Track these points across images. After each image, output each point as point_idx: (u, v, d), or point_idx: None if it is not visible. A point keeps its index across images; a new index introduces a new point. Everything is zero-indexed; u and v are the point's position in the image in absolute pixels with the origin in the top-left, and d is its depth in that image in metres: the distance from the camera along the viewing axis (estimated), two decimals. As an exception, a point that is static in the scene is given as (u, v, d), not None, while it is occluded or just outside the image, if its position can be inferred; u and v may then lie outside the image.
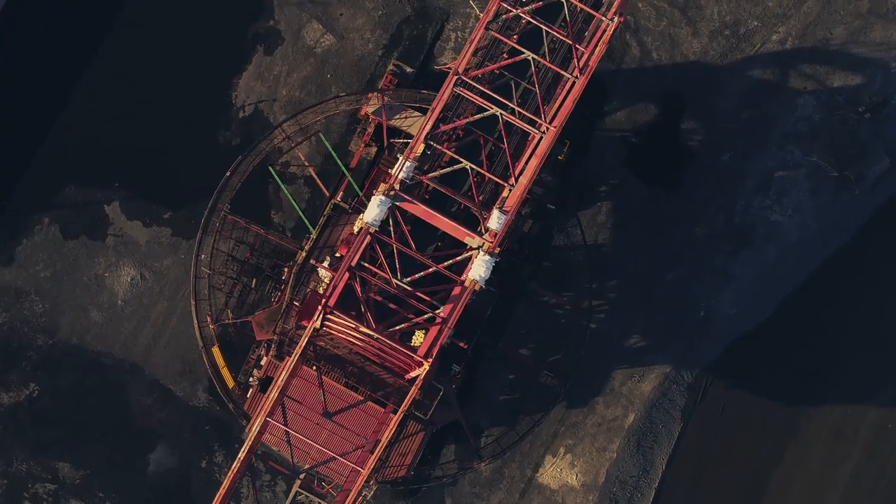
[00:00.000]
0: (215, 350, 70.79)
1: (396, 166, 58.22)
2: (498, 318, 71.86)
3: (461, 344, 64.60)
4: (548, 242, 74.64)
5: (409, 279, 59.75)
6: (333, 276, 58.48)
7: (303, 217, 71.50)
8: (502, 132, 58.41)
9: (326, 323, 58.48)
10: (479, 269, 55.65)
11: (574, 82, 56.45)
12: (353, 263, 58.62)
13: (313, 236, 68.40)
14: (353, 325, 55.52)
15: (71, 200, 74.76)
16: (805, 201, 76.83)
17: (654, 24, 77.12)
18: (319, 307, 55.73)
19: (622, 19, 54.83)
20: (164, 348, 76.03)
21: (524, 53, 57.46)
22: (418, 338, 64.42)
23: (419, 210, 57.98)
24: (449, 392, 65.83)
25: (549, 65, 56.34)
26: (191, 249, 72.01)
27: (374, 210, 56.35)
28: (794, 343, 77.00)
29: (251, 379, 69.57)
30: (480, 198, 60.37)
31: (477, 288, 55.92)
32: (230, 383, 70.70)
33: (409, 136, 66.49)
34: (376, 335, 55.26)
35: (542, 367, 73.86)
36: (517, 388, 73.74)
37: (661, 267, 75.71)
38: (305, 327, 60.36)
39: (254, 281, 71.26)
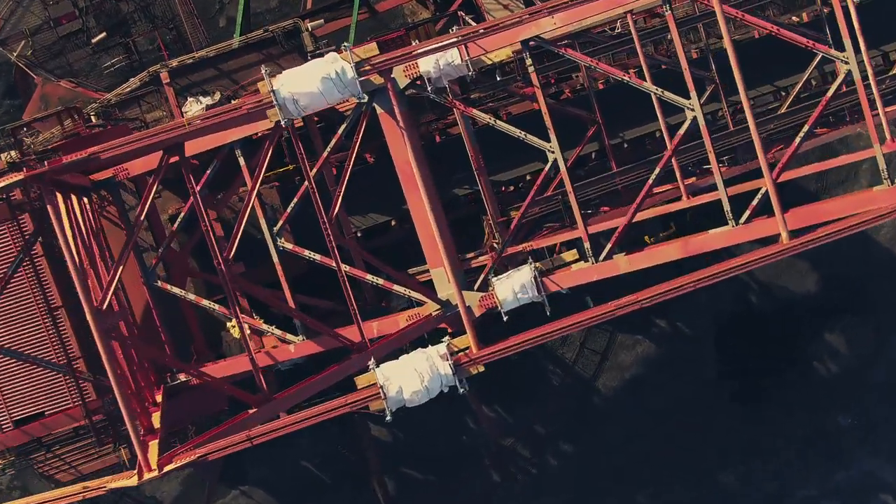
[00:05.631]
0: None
1: (431, 46, 20.99)
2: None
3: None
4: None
5: (288, 244, 23.13)
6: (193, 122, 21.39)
7: (240, 13, 34.07)
8: (666, 147, 21.98)
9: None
10: (406, 372, 18.96)
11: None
12: (213, 144, 21.69)
13: (232, 45, 31.10)
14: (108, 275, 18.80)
15: None
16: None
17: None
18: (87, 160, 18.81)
19: None
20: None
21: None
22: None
23: (400, 151, 21.17)
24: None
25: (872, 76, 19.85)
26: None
27: (312, 78, 19.31)
28: None
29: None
30: (516, 220, 23.76)
31: (372, 408, 19.40)
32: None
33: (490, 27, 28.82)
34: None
35: (382, 475, 38.05)
36: (329, 469, 39.12)
37: (640, 476, 39.57)
38: (67, 163, 23.15)
39: (101, 36, 33.91)
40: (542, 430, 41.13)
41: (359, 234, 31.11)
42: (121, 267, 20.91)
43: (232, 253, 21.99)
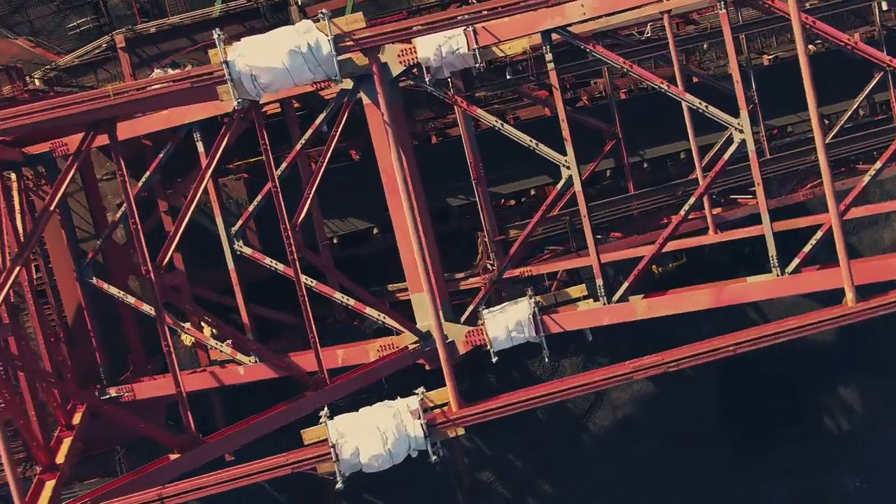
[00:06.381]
0: None
1: (431, 20, 16.64)
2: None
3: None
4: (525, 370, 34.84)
5: (247, 249, 18.81)
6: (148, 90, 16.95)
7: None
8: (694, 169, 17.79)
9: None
10: (366, 429, 14.62)
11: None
12: (168, 124, 17.32)
13: (210, 14, 26.95)
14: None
15: None
16: None
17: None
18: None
19: None
20: None
21: None
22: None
23: (385, 152, 16.72)
24: None
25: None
26: None
27: (278, 50, 14.88)
28: None
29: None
30: (518, 242, 19.50)
31: (320, 471, 15.08)
32: None
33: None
34: None
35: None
36: (285, 489, 36.04)
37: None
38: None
39: (66, -7, 29.82)
40: (524, 466, 36.92)
41: (335, 241, 26.92)
42: (17, 268, 16.61)
43: (167, 259, 17.70)
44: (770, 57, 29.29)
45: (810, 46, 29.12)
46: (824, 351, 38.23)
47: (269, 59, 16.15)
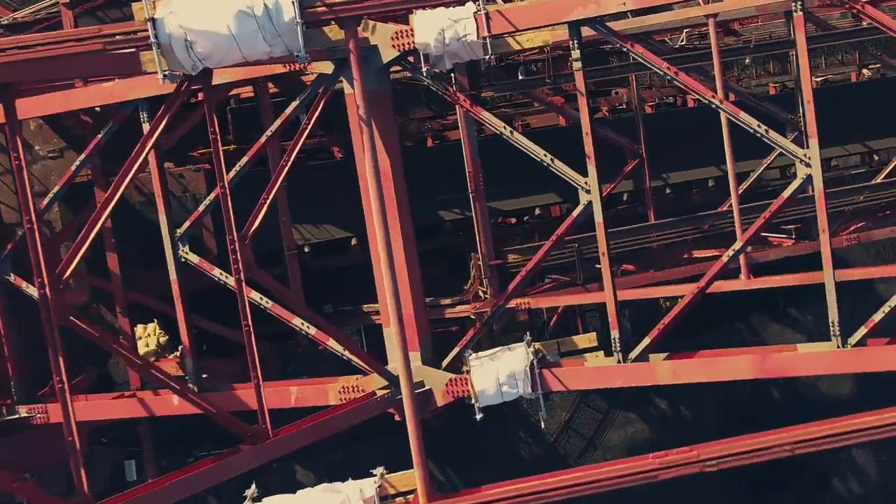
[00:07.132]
0: None
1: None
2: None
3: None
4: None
5: (193, 256, 14.92)
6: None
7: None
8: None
9: None
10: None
11: None
12: (109, 100, 13.46)
13: (187, -18, 22.59)
14: None
15: None
16: None
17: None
18: None
19: None
20: None
21: None
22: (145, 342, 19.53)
23: (361, 144, 12.85)
24: None
25: None
26: None
27: (223, 11, 11.04)
28: None
29: None
30: (522, 274, 15.71)
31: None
32: None
33: None
34: None
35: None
36: None
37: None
38: None
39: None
40: (500, 508, 33.19)
41: (306, 250, 23.17)
42: None
43: (70, 270, 13.88)
44: (818, 79, 25.65)
45: (864, 71, 25.50)
46: (835, 402, 34.72)
47: (211, 21, 12.18)
